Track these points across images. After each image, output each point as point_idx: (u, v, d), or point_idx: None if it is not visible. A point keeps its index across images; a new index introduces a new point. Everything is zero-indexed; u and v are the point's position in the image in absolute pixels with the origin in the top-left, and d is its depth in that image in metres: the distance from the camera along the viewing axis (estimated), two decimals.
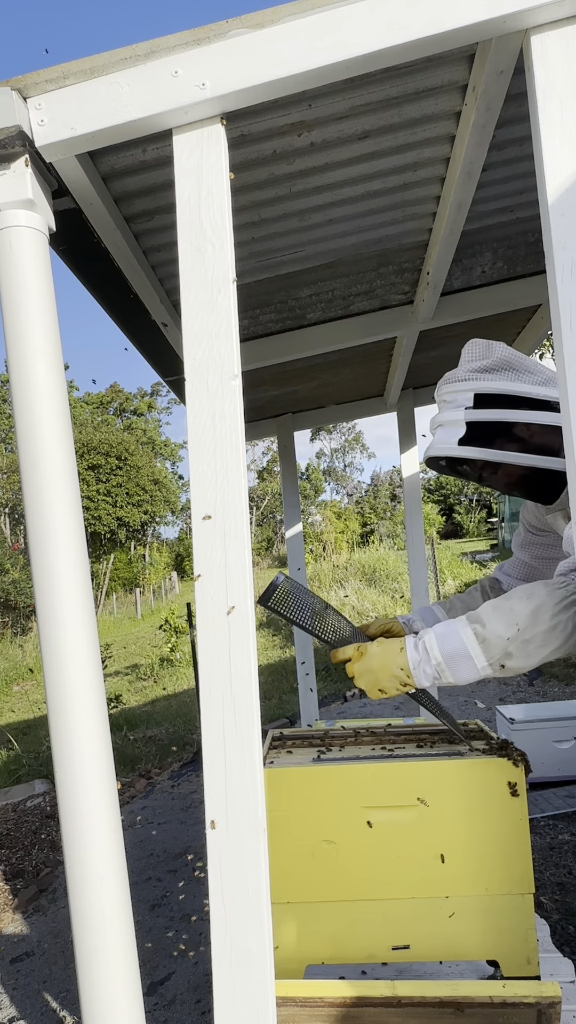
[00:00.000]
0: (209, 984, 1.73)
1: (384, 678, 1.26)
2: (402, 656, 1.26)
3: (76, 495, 1.16)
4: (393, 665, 1.26)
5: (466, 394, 1.41)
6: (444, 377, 1.48)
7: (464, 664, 1.21)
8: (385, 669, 1.26)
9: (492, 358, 1.42)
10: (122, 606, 22.70)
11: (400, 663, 1.25)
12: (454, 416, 1.41)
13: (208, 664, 1.06)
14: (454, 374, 1.45)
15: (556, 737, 3.77)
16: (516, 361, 1.42)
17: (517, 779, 1.35)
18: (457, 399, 1.42)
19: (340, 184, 1.66)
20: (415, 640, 1.27)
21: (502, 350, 1.43)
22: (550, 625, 1.17)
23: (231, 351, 1.10)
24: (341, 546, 24.96)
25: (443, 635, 1.24)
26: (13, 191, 1.13)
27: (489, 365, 1.41)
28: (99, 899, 1.09)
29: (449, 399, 1.44)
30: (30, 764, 6.27)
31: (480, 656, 1.20)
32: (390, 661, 1.26)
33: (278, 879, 1.31)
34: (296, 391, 3.51)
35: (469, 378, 1.42)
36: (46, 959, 2.87)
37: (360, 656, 1.31)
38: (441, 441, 1.43)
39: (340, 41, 1.05)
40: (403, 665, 1.25)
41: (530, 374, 1.41)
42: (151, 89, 1.10)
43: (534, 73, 1.04)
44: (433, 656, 1.22)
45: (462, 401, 1.41)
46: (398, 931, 1.35)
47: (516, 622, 1.18)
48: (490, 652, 1.19)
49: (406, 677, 1.25)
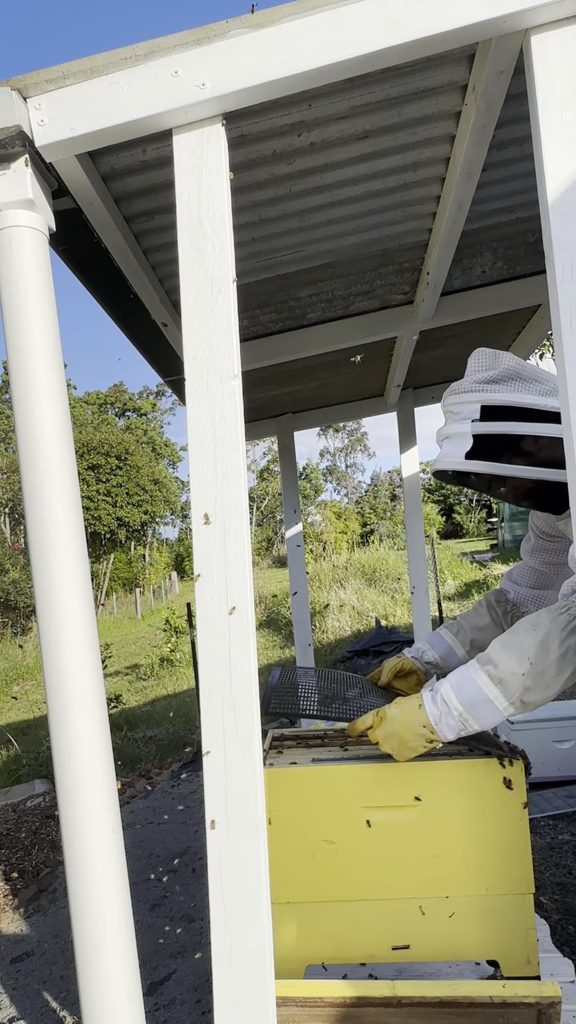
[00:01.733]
0: (209, 984, 1.72)
1: (409, 738, 1.26)
2: (422, 713, 1.25)
3: (76, 495, 1.16)
4: (415, 724, 1.25)
5: (472, 406, 1.39)
6: (450, 388, 1.46)
7: (486, 709, 1.20)
8: (408, 729, 1.25)
9: (498, 368, 1.40)
10: (122, 606, 22.71)
11: (422, 720, 1.24)
12: (460, 429, 1.39)
13: (208, 664, 1.06)
14: (460, 385, 1.43)
15: (556, 737, 3.77)
16: (523, 371, 1.40)
17: (516, 778, 1.35)
18: (464, 411, 1.40)
19: (340, 184, 1.66)
20: (431, 694, 1.26)
21: (509, 360, 1.41)
22: (560, 652, 1.17)
23: (231, 351, 1.10)
24: (341, 546, 24.96)
25: (459, 684, 1.22)
26: (13, 191, 1.13)
27: (495, 376, 1.39)
28: (99, 899, 1.09)
29: (456, 411, 1.42)
30: (30, 764, 6.27)
31: (500, 697, 1.19)
32: (411, 720, 1.25)
33: (278, 879, 1.30)
34: (296, 391, 3.51)
35: (475, 389, 1.40)
36: (46, 959, 2.87)
37: (380, 721, 1.30)
38: (448, 455, 1.41)
39: (340, 41, 1.05)
40: (425, 722, 1.24)
41: (537, 383, 1.39)
42: (151, 89, 1.10)
43: (534, 73, 1.04)
44: (454, 707, 1.21)
45: (468, 413, 1.39)
46: (398, 931, 1.35)
47: (527, 656, 1.17)
48: (508, 691, 1.18)
49: (430, 733, 1.24)
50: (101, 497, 29.65)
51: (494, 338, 3.06)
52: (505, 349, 3.24)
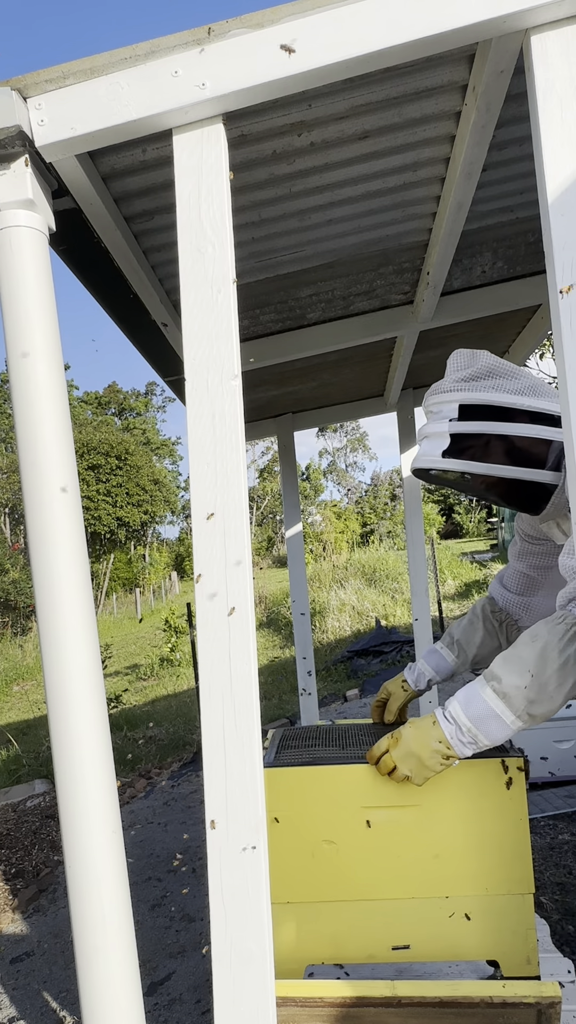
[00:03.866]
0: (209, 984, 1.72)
1: (426, 756, 1.25)
2: (437, 729, 1.25)
3: (76, 495, 1.16)
4: (431, 740, 1.25)
5: (451, 405, 1.40)
6: (431, 388, 1.48)
7: (494, 724, 1.20)
8: (425, 747, 1.25)
9: (476, 367, 1.42)
10: (122, 606, 22.71)
11: (437, 736, 1.25)
12: (439, 428, 1.40)
13: (208, 664, 1.06)
14: (440, 385, 1.45)
15: (556, 737, 3.77)
16: (500, 368, 1.41)
17: (517, 778, 1.35)
18: (443, 410, 1.41)
19: (340, 184, 1.66)
20: (441, 711, 1.27)
21: (486, 358, 1.43)
22: (560, 663, 1.17)
23: (231, 351, 1.10)
24: (341, 546, 24.96)
25: (466, 700, 1.23)
26: (13, 191, 1.13)
27: (473, 374, 1.41)
28: (99, 899, 1.09)
29: (435, 410, 1.43)
30: (30, 764, 6.28)
31: (506, 712, 1.19)
32: (427, 737, 1.26)
33: (278, 879, 1.31)
34: (296, 391, 3.51)
35: (454, 388, 1.42)
36: (46, 959, 2.87)
37: (396, 743, 1.30)
38: (426, 453, 1.43)
39: (340, 41, 1.05)
40: (440, 738, 1.24)
41: (514, 379, 1.40)
42: (151, 89, 1.10)
43: (534, 73, 1.04)
44: (463, 724, 1.22)
45: (447, 412, 1.40)
46: (398, 931, 1.35)
47: (528, 669, 1.18)
48: (514, 705, 1.19)
49: (447, 749, 1.24)
50: (101, 497, 29.66)
51: (494, 338, 3.06)
52: (505, 349, 3.25)
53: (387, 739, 1.32)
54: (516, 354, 3.19)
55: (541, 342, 3.21)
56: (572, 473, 1.05)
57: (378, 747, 1.33)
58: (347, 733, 1.66)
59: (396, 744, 1.30)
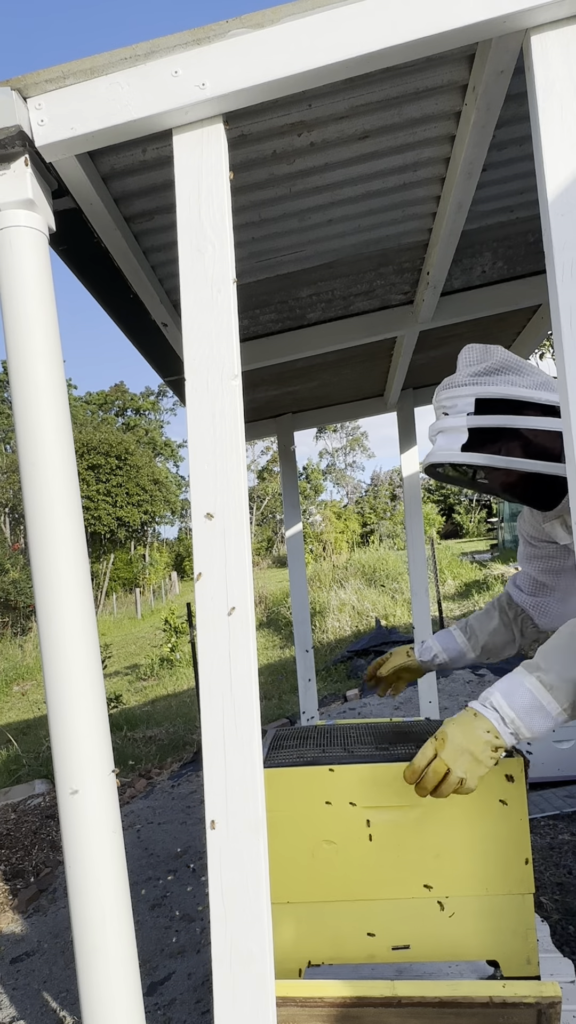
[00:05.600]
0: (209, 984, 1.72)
1: (478, 749, 1.18)
2: (481, 719, 1.19)
3: (76, 495, 1.16)
4: (479, 731, 1.18)
5: (467, 399, 1.38)
6: (443, 383, 1.46)
7: (538, 716, 1.17)
8: (475, 740, 1.18)
9: (490, 361, 1.41)
10: (122, 606, 22.71)
11: (484, 726, 1.18)
12: (456, 422, 1.39)
13: (208, 664, 1.06)
14: (453, 379, 1.43)
15: (556, 737, 3.77)
16: (513, 363, 1.41)
17: (517, 776, 1.35)
18: (458, 404, 1.39)
19: (340, 184, 1.66)
20: (480, 704, 1.22)
21: (500, 353, 1.42)
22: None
23: (231, 351, 1.10)
24: (341, 546, 24.96)
25: (508, 691, 1.20)
26: (13, 191, 1.13)
27: (488, 368, 1.40)
28: (99, 899, 1.09)
29: (449, 404, 1.41)
30: (30, 764, 6.28)
31: (552, 703, 1.17)
32: (474, 728, 1.19)
33: (278, 879, 1.31)
34: (296, 391, 3.51)
35: (469, 383, 1.40)
36: (46, 959, 2.87)
37: (443, 743, 1.20)
38: (443, 448, 1.41)
39: (340, 41, 1.05)
40: (488, 727, 1.18)
41: (528, 375, 1.40)
42: (151, 89, 1.10)
43: (534, 73, 1.04)
44: (506, 714, 1.18)
45: (463, 407, 1.38)
46: (398, 931, 1.35)
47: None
48: (560, 697, 1.16)
49: (495, 739, 1.18)
50: (101, 497, 29.67)
51: (494, 338, 3.06)
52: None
53: (430, 744, 1.22)
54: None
55: (541, 342, 3.21)
56: (572, 472, 1.05)
57: (422, 755, 1.21)
58: (340, 733, 1.66)
59: (444, 744, 1.20)
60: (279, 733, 1.73)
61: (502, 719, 1.18)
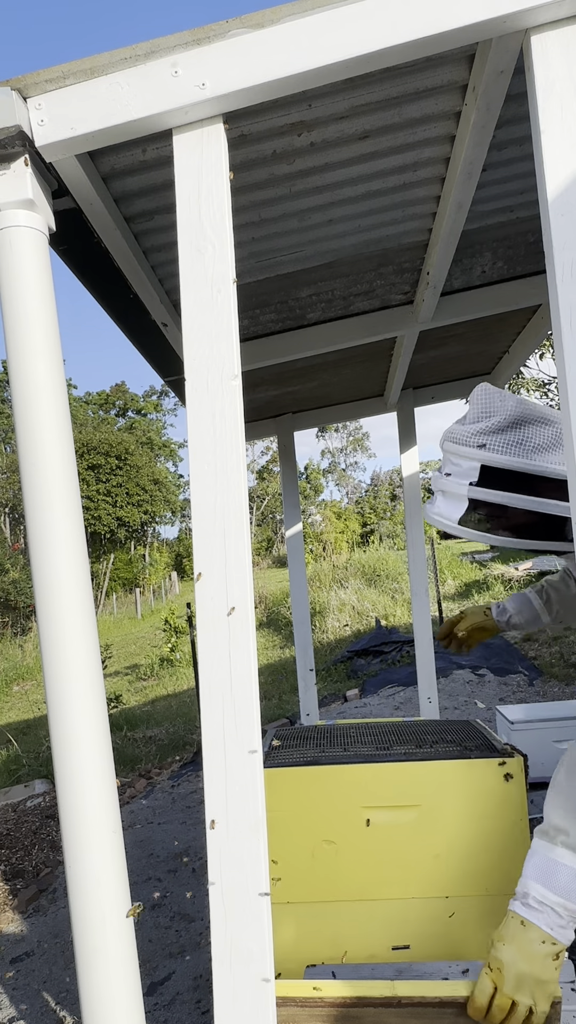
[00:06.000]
0: (209, 984, 1.72)
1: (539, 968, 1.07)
2: (533, 929, 1.09)
3: (76, 495, 1.16)
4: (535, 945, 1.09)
5: (471, 462, 1.29)
6: (449, 431, 1.36)
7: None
8: (533, 959, 1.08)
9: (503, 415, 1.30)
10: (122, 606, 22.72)
11: (538, 937, 1.09)
12: (457, 489, 1.31)
13: (208, 664, 1.06)
14: (461, 431, 1.33)
15: (556, 737, 3.76)
16: (528, 415, 1.30)
17: (517, 776, 1.35)
18: (462, 466, 1.31)
19: (340, 184, 1.66)
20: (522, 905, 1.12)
21: (513, 404, 1.31)
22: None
23: (231, 351, 1.10)
24: (341, 546, 24.96)
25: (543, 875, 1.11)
26: (13, 191, 1.13)
27: (499, 424, 1.29)
28: (99, 899, 1.09)
29: (454, 462, 1.33)
30: (30, 764, 6.28)
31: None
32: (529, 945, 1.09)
33: (278, 879, 1.31)
34: (296, 391, 3.51)
35: (476, 442, 1.30)
36: (46, 959, 2.87)
37: (501, 975, 1.08)
38: (440, 514, 1.33)
39: (340, 41, 1.05)
40: (543, 937, 1.08)
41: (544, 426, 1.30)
42: (151, 89, 1.10)
43: (534, 73, 1.04)
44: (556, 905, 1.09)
45: (467, 471, 1.30)
46: (398, 931, 1.35)
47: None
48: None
49: (552, 946, 1.08)
50: (101, 497, 29.68)
51: (494, 338, 3.06)
52: (505, 349, 3.25)
53: (485, 978, 1.10)
54: (516, 354, 3.19)
55: (541, 342, 3.21)
56: (573, 480, 1.04)
57: (482, 992, 1.09)
58: (340, 733, 1.67)
59: (502, 976, 1.08)
60: (279, 733, 1.73)
61: (556, 914, 1.09)
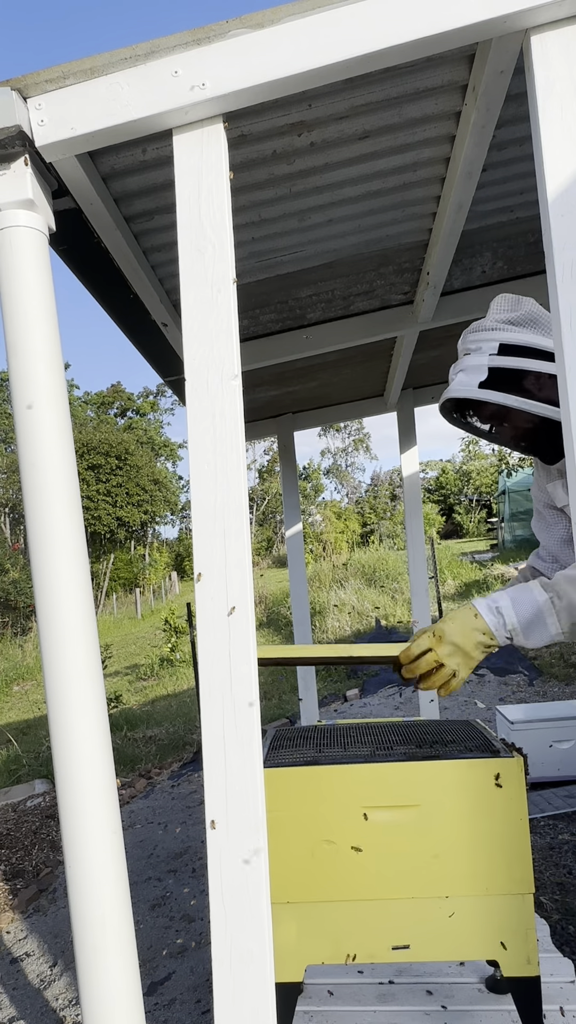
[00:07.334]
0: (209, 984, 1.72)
1: (471, 648, 1.28)
2: (480, 621, 1.28)
3: (76, 495, 1.16)
4: (475, 632, 1.28)
5: (491, 343, 1.44)
6: (471, 326, 1.51)
7: (539, 629, 1.26)
8: (469, 639, 1.28)
9: (519, 312, 1.46)
10: (122, 606, 22.71)
11: (482, 628, 1.28)
12: (477, 361, 1.44)
13: (208, 664, 1.06)
14: (481, 324, 1.48)
15: (556, 737, 3.77)
16: (542, 318, 1.45)
17: (516, 777, 1.35)
18: (482, 347, 1.45)
19: (340, 184, 1.66)
20: (488, 603, 1.30)
21: (530, 305, 1.47)
22: None
23: (231, 351, 1.10)
24: (341, 546, 24.96)
25: (518, 600, 1.28)
26: (13, 191, 1.13)
27: (516, 318, 1.45)
28: (99, 899, 1.09)
29: (474, 347, 1.47)
30: (30, 764, 6.28)
31: (555, 624, 1.26)
32: (471, 629, 1.28)
33: (278, 879, 1.31)
34: (296, 391, 3.51)
35: (496, 327, 1.45)
36: (46, 959, 2.87)
37: (439, 641, 1.29)
38: (461, 383, 1.46)
39: (340, 41, 1.05)
40: (484, 629, 1.28)
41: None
42: (151, 89, 1.10)
43: (534, 73, 1.04)
44: (509, 620, 1.27)
45: (487, 349, 1.44)
46: (398, 931, 1.35)
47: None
48: (564, 619, 1.25)
49: (489, 640, 1.28)
50: (101, 497, 29.67)
51: None
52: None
53: (427, 638, 1.30)
54: None
55: None
56: (572, 470, 1.05)
57: (417, 646, 1.30)
58: (340, 734, 1.66)
59: (440, 642, 1.29)
60: (279, 733, 1.73)
61: (503, 624, 1.27)
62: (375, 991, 1.66)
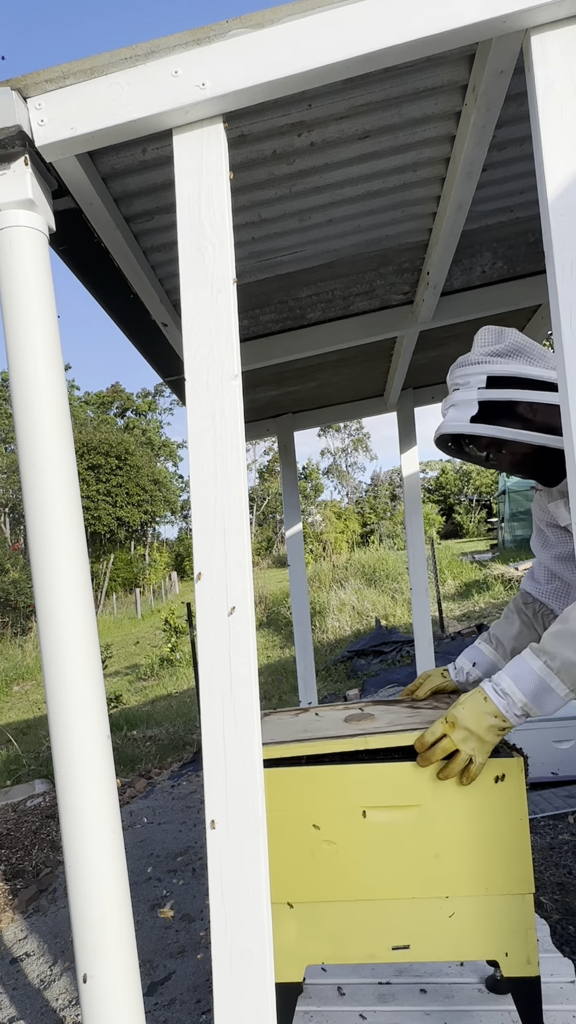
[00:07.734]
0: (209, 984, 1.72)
1: (484, 732, 1.29)
2: (490, 705, 1.29)
3: (76, 495, 1.16)
4: (487, 716, 1.29)
5: (479, 376, 1.46)
6: (457, 361, 1.53)
7: (547, 697, 1.26)
8: (481, 724, 1.29)
9: (504, 343, 1.48)
10: (122, 606, 22.71)
11: (492, 711, 1.29)
12: (467, 396, 1.46)
13: (208, 664, 1.06)
14: (467, 358, 1.51)
15: (556, 737, 3.77)
16: (527, 347, 1.48)
17: (516, 777, 1.34)
18: (471, 381, 1.47)
19: (340, 184, 1.66)
20: (492, 687, 1.31)
21: (514, 336, 1.49)
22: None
23: (231, 351, 1.10)
24: (341, 546, 24.96)
25: (517, 676, 1.29)
26: (13, 191, 1.13)
27: (501, 350, 1.47)
28: (99, 899, 1.09)
29: (462, 381, 1.49)
30: (30, 764, 6.28)
31: (560, 686, 1.26)
32: (483, 714, 1.29)
33: (278, 879, 1.31)
34: (296, 391, 3.51)
35: (482, 361, 1.48)
36: (46, 959, 2.87)
37: (453, 727, 1.30)
38: (453, 419, 1.48)
39: (340, 41, 1.05)
40: (495, 712, 1.29)
41: (542, 359, 1.48)
42: (151, 89, 1.10)
43: (534, 73, 1.04)
44: (517, 699, 1.27)
45: (475, 383, 1.46)
46: (398, 931, 1.35)
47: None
48: (566, 679, 1.25)
49: (502, 722, 1.28)
50: (101, 497, 29.67)
51: None
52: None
53: (440, 724, 1.32)
54: None
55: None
56: (572, 473, 1.05)
57: (431, 733, 1.31)
58: None
59: (453, 728, 1.30)
60: None
61: (513, 703, 1.27)
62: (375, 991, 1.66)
